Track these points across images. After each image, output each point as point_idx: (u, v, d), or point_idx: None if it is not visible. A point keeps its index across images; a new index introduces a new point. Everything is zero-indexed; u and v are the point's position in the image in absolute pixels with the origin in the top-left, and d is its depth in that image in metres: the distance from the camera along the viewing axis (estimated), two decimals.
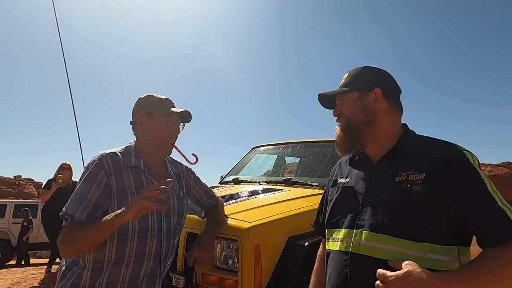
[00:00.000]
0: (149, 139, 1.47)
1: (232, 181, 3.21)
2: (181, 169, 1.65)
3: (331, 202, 1.23)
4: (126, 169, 1.40)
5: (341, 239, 1.10)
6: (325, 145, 3.31)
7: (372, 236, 1.02)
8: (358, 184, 1.16)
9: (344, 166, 1.30)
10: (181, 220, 1.54)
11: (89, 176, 1.34)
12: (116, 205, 1.33)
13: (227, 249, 1.73)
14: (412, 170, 1.05)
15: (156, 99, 1.49)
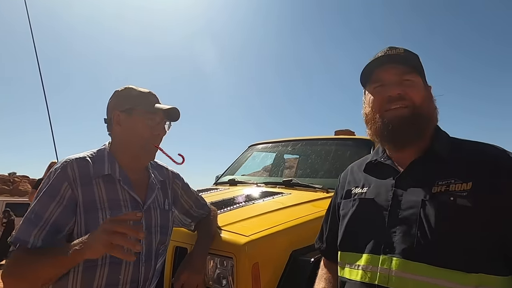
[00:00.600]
0: (128, 141, 1.22)
1: (228, 182, 2.98)
2: (167, 176, 1.40)
3: (345, 218, 1.00)
4: (97, 178, 1.15)
5: (363, 267, 0.87)
6: (328, 143, 3.08)
7: (406, 265, 0.80)
8: (380, 196, 0.93)
9: (358, 172, 1.08)
10: (165, 239, 1.30)
11: (49, 189, 1.09)
12: (83, 224, 1.09)
13: (221, 267, 1.49)
14: (452, 178, 0.84)
15: (137, 93, 1.23)
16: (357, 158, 2.97)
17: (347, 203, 1.02)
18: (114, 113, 1.22)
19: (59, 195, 1.08)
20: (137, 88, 1.25)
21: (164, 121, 1.26)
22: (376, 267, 0.85)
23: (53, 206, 1.07)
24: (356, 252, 0.92)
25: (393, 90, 0.92)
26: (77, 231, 1.08)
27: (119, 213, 1.14)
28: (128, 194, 1.19)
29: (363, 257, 0.89)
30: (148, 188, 1.26)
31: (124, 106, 1.21)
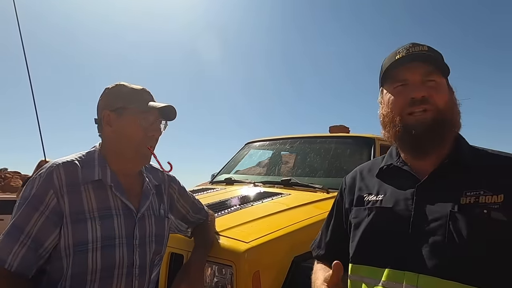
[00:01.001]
0: (120, 143, 1.11)
1: (224, 181, 2.89)
2: (162, 180, 1.30)
3: (359, 227, 0.91)
4: (86, 184, 1.05)
5: (384, 283, 0.79)
6: (327, 141, 3.01)
7: (435, 283, 0.73)
8: (399, 205, 0.85)
9: (369, 177, 0.99)
10: (161, 249, 1.20)
11: (33, 198, 0.99)
12: (70, 235, 0.99)
13: (219, 275, 1.40)
14: (481, 189, 0.77)
15: (129, 90, 1.12)
16: (357, 157, 2.89)
17: (360, 211, 0.93)
18: (104, 112, 1.11)
19: (43, 205, 0.98)
20: (129, 85, 1.14)
21: (159, 121, 1.15)
22: (400, 284, 0.77)
23: (36, 217, 0.97)
24: (375, 266, 0.83)
25: (417, 91, 0.84)
26: (64, 244, 0.99)
27: (111, 222, 1.05)
28: (120, 202, 1.09)
29: (384, 272, 0.80)
30: (142, 194, 1.17)
31: (114, 105, 1.10)
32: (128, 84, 1.15)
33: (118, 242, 1.05)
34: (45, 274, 1.01)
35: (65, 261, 0.98)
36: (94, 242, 1.00)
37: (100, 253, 1.01)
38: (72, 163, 1.06)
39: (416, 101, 0.84)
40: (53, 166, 1.03)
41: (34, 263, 0.98)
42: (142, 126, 1.10)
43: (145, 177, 1.22)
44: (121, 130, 1.10)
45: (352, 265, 0.90)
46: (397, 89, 0.88)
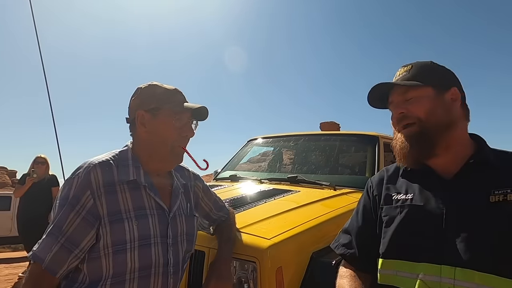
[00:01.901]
0: (154, 143, 1.12)
1: (229, 178, 2.91)
2: (189, 178, 1.32)
3: (391, 224, 0.96)
4: (121, 184, 1.06)
5: (422, 276, 0.84)
6: (331, 139, 3.05)
7: (472, 275, 0.78)
8: (429, 203, 0.90)
9: (395, 178, 1.05)
10: (192, 247, 1.22)
11: (71, 199, 0.99)
12: (108, 235, 1.00)
13: (241, 271, 1.43)
14: (508, 187, 0.82)
15: (163, 91, 1.13)
16: (361, 154, 2.94)
17: (391, 209, 0.98)
18: (138, 112, 1.11)
19: (79, 205, 0.99)
20: (162, 85, 1.15)
21: (191, 121, 1.17)
22: (437, 276, 0.82)
23: (71, 217, 0.98)
24: (409, 261, 0.88)
25: (397, 110, 0.98)
26: (103, 244, 1.00)
27: (146, 222, 1.06)
28: (154, 201, 1.10)
29: (420, 266, 0.86)
30: (173, 194, 1.18)
31: (149, 105, 1.11)
32: (161, 84, 1.15)
33: (153, 242, 1.06)
34: (83, 275, 1.02)
35: (104, 260, 1.00)
36: (132, 241, 1.02)
37: (138, 252, 1.02)
38: (108, 163, 1.07)
39: (400, 118, 0.96)
40: (90, 166, 1.04)
41: (66, 262, 0.98)
42: (176, 126, 1.11)
43: (174, 176, 1.24)
44: (156, 130, 1.10)
45: (384, 260, 0.95)
46: (391, 111, 1.02)
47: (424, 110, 0.93)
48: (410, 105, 0.95)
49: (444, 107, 0.94)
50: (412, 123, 0.94)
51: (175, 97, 1.13)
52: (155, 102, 1.11)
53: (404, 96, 0.96)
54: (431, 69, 0.98)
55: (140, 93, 1.14)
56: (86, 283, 1.01)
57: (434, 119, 0.92)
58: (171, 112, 1.10)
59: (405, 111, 0.95)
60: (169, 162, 1.16)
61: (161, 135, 1.10)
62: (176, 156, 1.15)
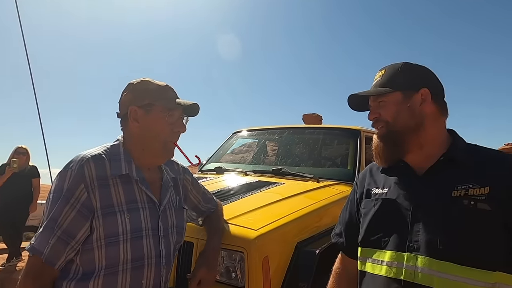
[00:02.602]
0: (147, 139, 1.14)
1: (214, 170, 2.94)
2: (178, 171, 1.35)
3: (367, 216, 1.04)
4: (114, 178, 1.08)
5: (388, 262, 0.93)
6: (315, 132, 3.12)
7: (431, 262, 0.86)
8: (400, 197, 0.98)
9: (377, 174, 1.13)
10: (181, 239, 1.26)
11: (66, 192, 1.01)
12: (101, 228, 1.02)
13: (229, 260, 1.49)
14: (471, 183, 0.89)
15: (156, 87, 1.15)
16: (344, 147, 3.03)
17: (368, 202, 1.06)
18: (131, 108, 1.13)
19: (73, 198, 1.01)
20: (154, 81, 1.17)
21: (182, 117, 1.19)
22: (401, 263, 0.90)
23: (66, 210, 1.01)
24: (379, 249, 0.96)
25: (371, 115, 1.06)
26: (96, 236, 1.02)
27: (138, 215, 1.09)
28: (145, 195, 1.13)
29: (387, 253, 0.94)
30: (163, 187, 1.21)
31: (142, 101, 1.12)
32: (153, 81, 1.17)
33: (145, 234, 1.10)
34: (76, 266, 1.04)
35: (97, 252, 1.02)
36: (125, 234, 1.05)
37: (130, 244, 1.06)
38: (100, 157, 1.09)
39: (373, 122, 1.05)
40: (83, 159, 1.05)
41: (64, 254, 1.01)
42: (168, 122, 1.14)
43: (164, 170, 1.26)
44: (148, 126, 1.13)
45: (361, 248, 1.03)
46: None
47: (390, 115, 1.00)
48: (381, 110, 1.03)
49: (411, 110, 0.99)
50: (382, 127, 1.03)
51: (167, 94, 1.15)
52: (148, 98, 1.12)
53: (377, 101, 1.04)
54: (402, 72, 1.03)
55: (133, 88, 1.15)
56: (80, 274, 1.03)
57: (400, 122, 0.99)
58: (164, 108, 1.13)
59: (378, 115, 1.03)
60: (161, 157, 1.19)
61: (154, 130, 1.13)
62: (168, 151, 1.17)
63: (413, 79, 1.02)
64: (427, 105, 1.00)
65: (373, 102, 1.05)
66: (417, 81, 1.02)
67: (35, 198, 4.63)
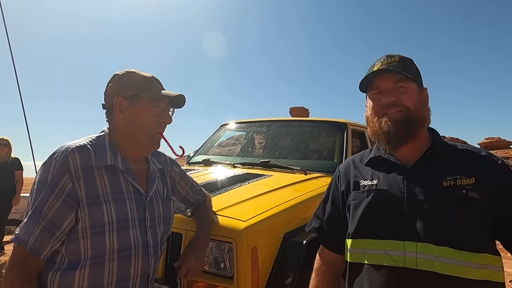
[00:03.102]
0: (132, 130, 1.14)
1: (202, 162, 2.94)
2: (165, 163, 1.35)
3: (359, 207, 1.05)
4: (99, 168, 1.08)
5: (388, 252, 0.95)
6: (302, 125, 3.15)
7: (431, 248, 0.90)
8: (392, 187, 1.01)
9: (361, 166, 1.15)
10: (168, 229, 1.27)
11: (50, 183, 1.01)
12: (87, 219, 1.02)
13: (218, 251, 1.50)
14: (457, 174, 0.96)
15: (141, 78, 1.15)
16: (331, 140, 3.06)
17: (359, 194, 1.07)
18: (117, 99, 1.12)
19: (58, 188, 1.01)
20: (140, 72, 1.16)
21: (168, 108, 1.19)
22: (401, 251, 0.92)
23: (51, 201, 1.01)
24: (376, 239, 0.98)
25: (388, 97, 1.03)
26: (82, 226, 1.02)
27: (124, 205, 1.09)
28: (131, 186, 1.13)
29: (386, 243, 0.96)
30: (149, 178, 1.22)
31: (128, 92, 1.12)
32: (138, 72, 1.16)
33: (131, 224, 1.10)
34: (62, 256, 1.04)
35: (83, 242, 1.03)
36: (110, 224, 1.05)
37: (116, 234, 1.06)
38: (85, 147, 1.08)
39: (389, 105, 1.02)
40: (67, 150, 1.05)
41: (49, 244, 1.01)
42: (154, 113, 1.13)
43: (150, 161, 1.26)
44: (134, 117, 1.12)
45: (353, 240, 1.04)
46: (374, 95, 1.07)
47: (412, 102, 1.01)
48: (401, 95, 1.02)
49: (424, 103, 1.05)
50: (399, 111, 1.01)
51: (153, 85, 1.15)
52: (133, 89, 1.12)
53: (395, 84, 1.03)
54: (414, 66, 1.08)
55: (118, 79, 1.15)
56: (66, 264, 1.04)
57: (418, 112, 1.02)
58: (149, 99, 1.13)
59: (397, 99, 1.02)
60: (147, 148, 1.19)
61: (140, 122, 1.13)
62: (154, 142, 1.17)
63: (420, 76, 1.09)
64: (428, 103, 1.08)
65: (389, 84, 1.03)
66: (421, 79, 1.09)
67: (18, 191, 4.54)
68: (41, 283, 1.04)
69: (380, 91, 1.05)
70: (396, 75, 1.02)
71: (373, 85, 1.07)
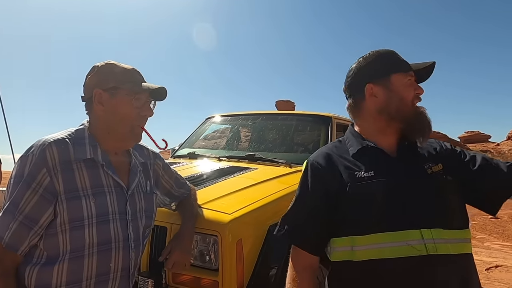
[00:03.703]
0: (113, 123, 1.12)
1: (187, 155, 2.92)
2: (148, 156, 1.33)
3: (366, 200, 0.97)
4: (78, 162, 1.06)
5: (408, 242, 0.92)
6: (288, 118, 3.16)
7: (442, 233, 0.94)
8: (391, 177, 0.99)
9: (348, 158, 1.08)
10: (151, 223, 1.26)
11: (26, 177, 1.00)
12: (66, 213, 1.01)
13: (203, 244, 1.51)
14: (429, 162, 1.04)
15: (121, 70, 1.12)
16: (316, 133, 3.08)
17: (360, 187, 0.99)
18: (96, 91, 1.10)
19: (35, 182, 0.99)
20: (120, 64, 1.14)
21: (150, 101, 1.17)
22: (420, 239, 0.92)
23: (28, 195, 0.99)
24: (391, 231, 0.94)
25: (422, 90, 1.09)
26: (60, 220, 1.01)
27: (104, 199, 1.08)
28: (112, 179, 1.12)
29: (403, 233, 0.93)
30: (131, 172, 1.20)
31: (107, 84, 1.10)
32: (118, 64, 1.14)
33: (112, 218, 1.09)
34: (40, 251, 1.03)
35: (61, 236, 1.02)
36: (90, 218, 1.04)
37: (96, 228, 1.05)
38: (63, 141, 1.06)
39: (420, 97, 1.09)
40: (45, 144, 1.03)
41: (27, 239, 1.00)
42: (135, 106, 1.12)
43: (132, 155, 1.25)
44: (114, 109, 1.11)
45: (360, 237, 0.96)
46: (409, 81, 1.08)
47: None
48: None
49: None
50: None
51: (133, 77, 1.13)
52: (113, 81, 1.10)
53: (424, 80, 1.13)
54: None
55: (97, 71, 1.12)
56: (44, 259, 1.03)
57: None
58: (130, 92, 1.11)
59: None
60: (128, 141, 1.17)
61: (120, 114, 1.11)
62: (135, 135, 1.16)
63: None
64: None
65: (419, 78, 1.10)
66: None
67: None
68: (18, 278, 1.03)
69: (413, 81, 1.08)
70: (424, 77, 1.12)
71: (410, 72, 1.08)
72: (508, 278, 3.69)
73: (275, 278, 1.53)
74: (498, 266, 3.98)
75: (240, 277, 1.45)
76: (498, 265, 4.00)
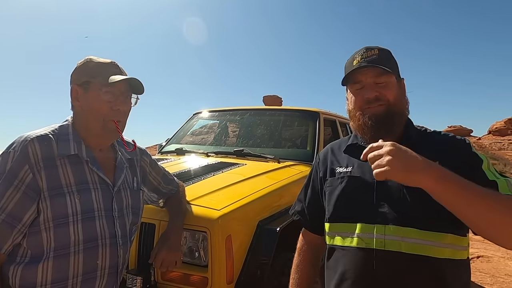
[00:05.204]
0: (87, 118, 1.10)
1: (175, 151, 2.90)
2: (135, 153, 1.31)
3: (334, 193, 1.09)
4: (62, 159, 1.04)
5: (359, 234, 0.99)
6: (276, 113, 3.17)
7: (398, 230, 0.95)
8: (365, 174, 1.05)
9: (339, 154, 1.18)
10: (137, 220, 1.24)
11: (7, 174, 0.97)
12: (49, 211, 0.99)
13: (192, 240, 1.50)
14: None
15: (95, 64, 1.11)
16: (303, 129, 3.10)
17: (334, 180, 1.11)
18: (73, 87, 1.10)
19: (17, 179, 0.97)
20: (98, 59, 1.12)
21: (129, 95, 1.15)
22: (371, 234, 0.97)
23: (10, 193, 0.97)
24: (349, 223, 1.02)
25: (370, 92, 1.04)
26: (43, 218, 0.99)
27: (89, 196, 1.07)
28: (97, 176, 1.10)
29: (356, 226, 1.00)
30: (117, 168, 1.18)
31: (81, 79, 1.09)
32: (96, 58, 1.13)
33: (97, 215, 1.08)
34: (23, 249, 1.01)
35: (45, 234, 1.00)
36: (75, 215, 1.03)
37: (81, 225, 1.03)
38: (46, 137, 1.04)
39: (371, 100, 1.04)
40: (27, 140, 1.00)
41: (10, 237, 0.98)
42: (105, 99, 1.09)
43: (118, 151, 1.23)
44: (87, 104, 1.09)
45: (329, 224, 1.09)
46: (357, 91, 1.08)
47: (393, 96, 1.04)
48: (383, 89, 1.03)
49: (402, 94, 1.08)
50: (380, 105, 1.03)
51: (106, 70, 1.10)
52: (86, 76, 1.09)
53: (375, 79, 1.04)
54: (392, 57, 1.09)
55: (76, 68, 1.12)
56: (28, 258, 1.01)
57: (398, 105, 1.05)
58: (100, 85, 1.08)
59: (379, 94, 1.03)
60: (104, 136, 1.14)
61: (93, 109, 1.09)
62: (109, 131, 1.12)
63: (397, 67, 1.10)
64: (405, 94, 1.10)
65: (370, 78, 1.04)
66: (399, 69, 1.10)
67: None
68: (2, 278, 1.00)
69: (362, 86, 1.06)
70: (377, 69, 1.03)
71: (354, 79, 1.07)
72: (489, 267, 3.80)
73: (265, 273, 1.54)
74: (479, 257, 4.09)
75: (230, 273, 1.45)
76: (479, 256, 4.11)
